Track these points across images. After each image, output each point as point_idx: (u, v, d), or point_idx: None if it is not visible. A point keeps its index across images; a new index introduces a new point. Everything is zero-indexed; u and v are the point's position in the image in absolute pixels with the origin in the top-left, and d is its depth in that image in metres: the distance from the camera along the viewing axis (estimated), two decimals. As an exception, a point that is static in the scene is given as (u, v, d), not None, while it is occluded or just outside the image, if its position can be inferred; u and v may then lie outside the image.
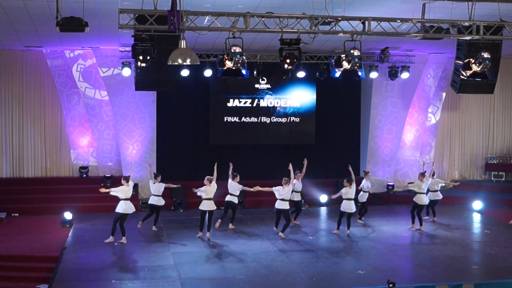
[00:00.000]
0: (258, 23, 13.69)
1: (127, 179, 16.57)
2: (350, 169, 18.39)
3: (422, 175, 18.54)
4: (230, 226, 18.43)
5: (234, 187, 17.89)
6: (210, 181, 16.98)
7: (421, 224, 18.47)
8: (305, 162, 18.92)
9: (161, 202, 17.95)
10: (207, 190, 16.90)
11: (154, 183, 17.87)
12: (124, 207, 16.35)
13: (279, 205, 17.17)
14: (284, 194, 17.05)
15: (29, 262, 15.60)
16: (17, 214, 20.59)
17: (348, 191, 17.61)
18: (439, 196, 19.38)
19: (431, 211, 19.64)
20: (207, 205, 16.96)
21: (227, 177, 18.01)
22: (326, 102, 24.18)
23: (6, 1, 14.20)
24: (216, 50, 20.68)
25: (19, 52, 21.87)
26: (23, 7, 14.67)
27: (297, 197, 18.73)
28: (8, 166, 22.24)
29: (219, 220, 17.92)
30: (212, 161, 23.15)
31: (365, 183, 19.19)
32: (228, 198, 17.96)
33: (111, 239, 16.58)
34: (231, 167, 18.07)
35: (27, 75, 22.17)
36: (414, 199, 18.56)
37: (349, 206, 17.54)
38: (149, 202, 18.10)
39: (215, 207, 17.14)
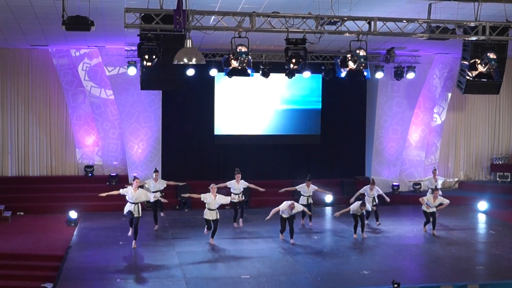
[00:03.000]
0: (264, 23, 13.69)
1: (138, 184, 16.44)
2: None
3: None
4: (236, 224, 18.49)
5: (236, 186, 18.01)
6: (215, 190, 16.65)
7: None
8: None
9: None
10: (208, 199, 16.50)
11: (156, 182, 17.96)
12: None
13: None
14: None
15: (34, 260, 15.63)
16: (22, 213, 20.66)
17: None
18: None
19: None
20: (208, 215, 16.58)
21: (232, 177, 17.99)
22: (331, 102, 24.16)
23: (12, 0, 14.24)
24: (221, 50, 20.69)
25: (25, 51, 21.91)
26: (29, 6, 14.70)
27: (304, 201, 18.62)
28: (13, 164, 22.30)
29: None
30: (218, 161, 23.37)
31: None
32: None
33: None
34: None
35: (33, 73, 22.22)
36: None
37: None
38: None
39: (218, 217, 16.64)
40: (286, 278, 13.60)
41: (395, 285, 11.50)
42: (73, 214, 19.16)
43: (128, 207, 16.09)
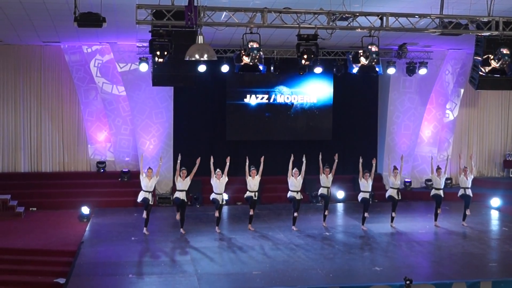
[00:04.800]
0: (275, 19, 13.67)
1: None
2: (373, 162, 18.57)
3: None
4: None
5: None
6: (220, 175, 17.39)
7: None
8: (336, 157, 18.59)
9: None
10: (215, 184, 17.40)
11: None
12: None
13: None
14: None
15: (47, 256, 15.71)
16: (35, 209, 20.78)
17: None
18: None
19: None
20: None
21: (243, 173, 17.92)
22: (343, 98, 24.11)
23: (24, -3, 14.31)
24: (233, 46, 20.68)
25: (37, 47, 21.99)
26: (41, 2, 14.75)
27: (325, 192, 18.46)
28: (26, 160, 22.40)
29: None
30: (229, 157, 23.33)
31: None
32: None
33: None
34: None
35: (45, 70, 22.30)
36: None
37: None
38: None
39: (223, 202, 17.52)
40: (298, 274, 13.59)
41: (408, 282, 11.48)
42: (85, 210, 19.24)
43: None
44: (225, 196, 17.57)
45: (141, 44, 20.79)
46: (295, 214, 17.78)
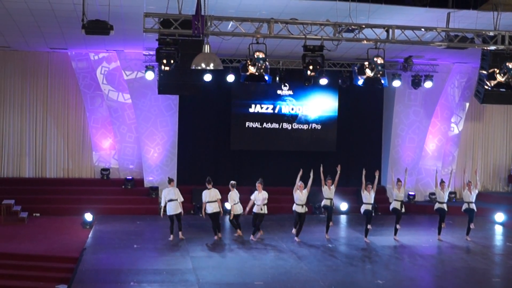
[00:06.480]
0: (282, 29, 13.72)
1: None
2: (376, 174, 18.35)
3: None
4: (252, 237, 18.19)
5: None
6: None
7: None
8: (339, 169, 18.49)
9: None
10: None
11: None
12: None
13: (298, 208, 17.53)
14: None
15: (49, 262, 15.69)
16: (38, 214, 20.79)
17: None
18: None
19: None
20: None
21: (247, 183, 17.93)
22: (348, 109, 24.12)
23: (33, 4, 14.39)
24: (239, 56, 20.72)
25: (45, 54, 22.09)
26: (50, 9, 14.83)
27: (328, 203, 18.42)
28: (30, 166, 22.46)
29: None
30: (233, 166, 23.36)
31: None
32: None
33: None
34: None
35: (51, 76, 22.40)
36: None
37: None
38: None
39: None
40: (300, 285, 13.55)
41: (409, 295, 11.47)
42: (88, 217, 19.24)
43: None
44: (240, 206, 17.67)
45: (147, 52, 20.86)
46: (296, 228, 17.70)
